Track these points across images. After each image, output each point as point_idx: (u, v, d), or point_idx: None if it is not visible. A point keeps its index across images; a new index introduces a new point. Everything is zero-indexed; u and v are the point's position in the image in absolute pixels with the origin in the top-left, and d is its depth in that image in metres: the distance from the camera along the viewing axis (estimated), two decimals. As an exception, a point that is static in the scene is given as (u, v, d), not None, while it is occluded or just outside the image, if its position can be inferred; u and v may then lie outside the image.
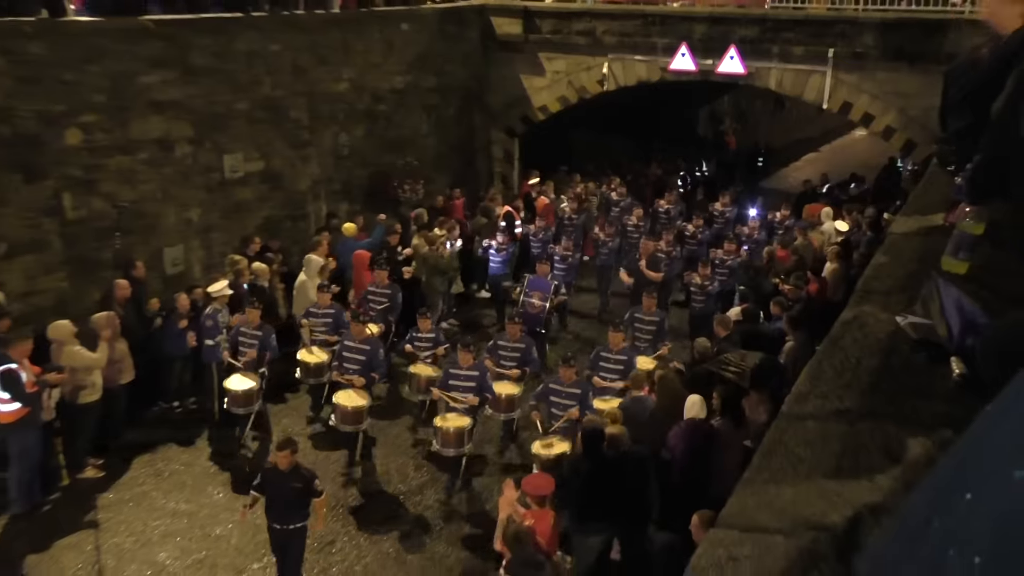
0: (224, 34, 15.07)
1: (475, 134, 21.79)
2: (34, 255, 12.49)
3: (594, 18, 20.40)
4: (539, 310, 14.57)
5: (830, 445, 2.83)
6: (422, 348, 13.05)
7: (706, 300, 15.21)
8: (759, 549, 2.38)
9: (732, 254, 16.57)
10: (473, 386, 11.50)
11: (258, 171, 15.92)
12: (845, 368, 3.29)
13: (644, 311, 13.42)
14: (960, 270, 3.49)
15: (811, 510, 2.49)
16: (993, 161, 3.51)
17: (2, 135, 12.01)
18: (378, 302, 14.31)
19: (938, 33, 16.75)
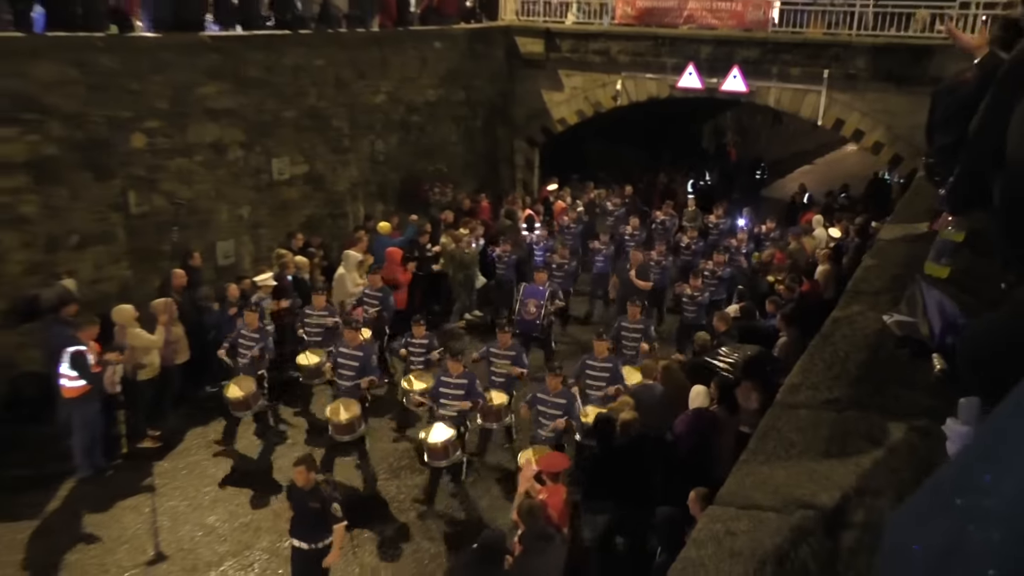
0: (274, 50, 15.11)
1: (499, 143, 21.77)
2: (102, 246, 12.60)
3: (609, 39, 20.35)
4: (534, 317, 13.84)
5: (820, 431, 2.84)
6: (415, 353, 12.12)
7: (697, 310, 14.39)
8: (754, 524, 2.40)
9: (722, 266, 15.78)
10: (462, 394, 10.64)
11: (302, 174, 15.96)
12: (835, 361, 3.30)
13: (630, 320, 12.53)
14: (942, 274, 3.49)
15: (802, 490, 2.51)
16: (972, 174, 3.51)
17: (76, 138, 12.10)
18: (372, 304, 13.59)
19: (924, 58, 16.65)
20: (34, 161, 11.66)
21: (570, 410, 9.99)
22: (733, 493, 2.57)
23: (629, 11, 20.68)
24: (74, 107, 12.02)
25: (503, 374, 11.38)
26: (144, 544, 9.56)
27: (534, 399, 10.31)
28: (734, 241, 17.50)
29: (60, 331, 10.59)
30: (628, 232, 18.40)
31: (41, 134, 11.70)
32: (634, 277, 15.15)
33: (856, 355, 3.42)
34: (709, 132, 30.47)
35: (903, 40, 17.54)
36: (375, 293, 13.67)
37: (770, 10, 19.61)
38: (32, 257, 11.75)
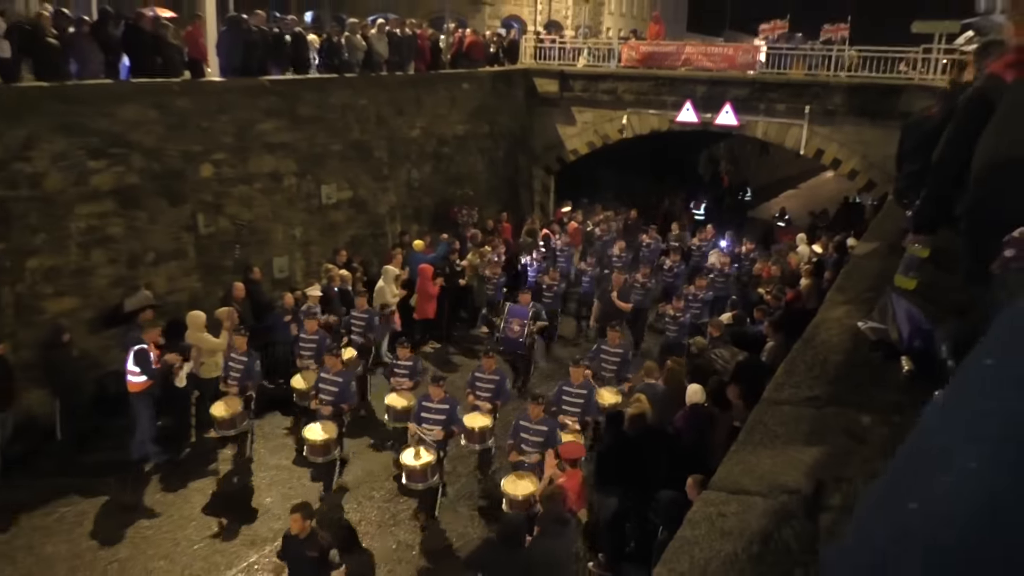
0: (324, 91, 15.25)
1: (519, 171, 21.81)
2: (175, 262, 12.71)
3: (616, 80, 20.41)
4: (518, 335, 13.00)
5: (801, 425, 2.83)
6: (400, 375, 11.08)
7: (678, 330, 13.45)
8: (742, 507, 2.39)
9: (703, 289, 14.63)
10: (443, 419, 9.55)
11: (347, 198, 16.04)
12: (815, 363, 3.29)
13: (610, 343, 11.43)
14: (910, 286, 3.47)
15: (785, 477, 2.50)
16: (936, 198, 3.49)
17: (154, 169, 12.25)
18: (358, 326, 12.67)
19: (893, 95, 16.63)
20: (119, 189, 11.81)
21: (552, 438, 8.92)
22: (724, 479, 2.56)
23: (634, 55, 20.76)
24: (153, 143, 12.18)
25: (487, 398, 10.37)
26: (209, 521, 9.60)
27: (516, 427, 9.20)
28: (718, 263, 16.55)
29: (132, 333, 10.73)
30: (615, 254, 17.50)
31: (125, 166, 11.85)
32: (616, 299, 14.31)
33: (834, 357, 3.40)
34: (705, 161, 30.40)
35: (875, 80, 17.56)
36: (361, 315, 12.71)
37: (758, 54, 19.63)
38: (117, 272, 11.88)
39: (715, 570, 2.08)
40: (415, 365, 11.23)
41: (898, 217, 5.85)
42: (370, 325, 12.68)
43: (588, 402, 9.90)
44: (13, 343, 10.40)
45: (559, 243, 17.87)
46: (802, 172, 35.15)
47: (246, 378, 10.57)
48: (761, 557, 2.09)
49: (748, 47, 21.09)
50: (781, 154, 25.71)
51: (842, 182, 23.19)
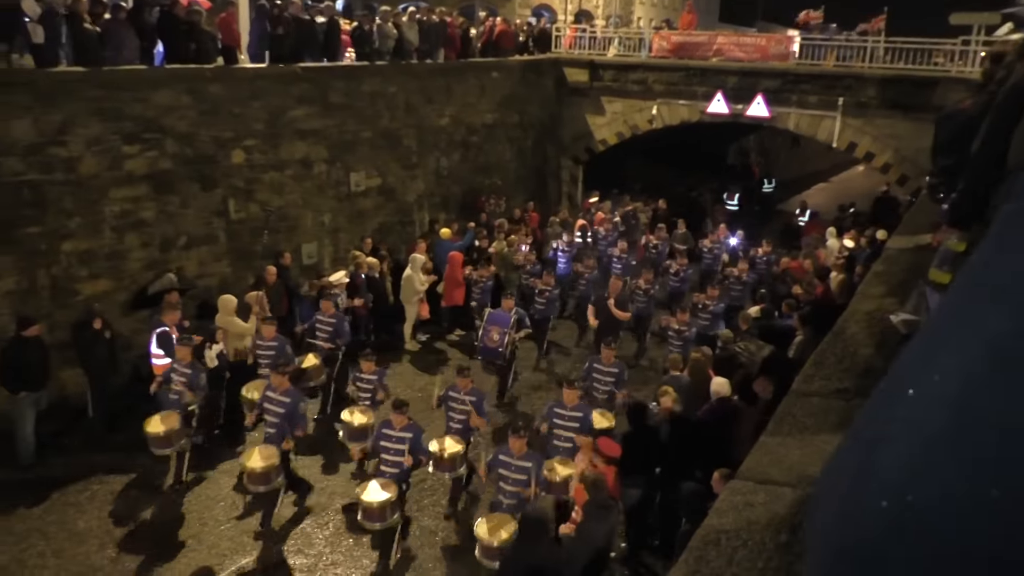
0: (354, 79, 15.30)
1: (548, 161, 21.77)
2: (206, 246, 12.87)
3: (647, 70, 20.26)
4: (497, 344, 11.98)
5: (830, 417, 2.82)
6: (363, 388, 10.15)
7: (683, 346, 11.89)
8: (770, 497, 2.40)
9: (715, 299, 13.19)
10: (404, 448, 8.41)
11: (376, 186, 16.12)
12: (845, 355, 3.27)
13: (603, 361, 10.44)
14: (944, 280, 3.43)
15: (814, 468, 2.49)
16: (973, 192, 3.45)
17: (187, 155, 12.39)
18: (324, 331, 11.75)
19: (927, 88, 16.35)
20: (153, 174, 11.97)
21: (535, 475, 8.02)
22: (752, 469, 2.57)
23: (665, 45, 20.61)
24: (186, 128, 12.32)
25: (462, 420, 9.36)
26: (236, 502, 9.71)
27: (495, 462, 8.10)
28: (734, 271, 15.10)
29: (156, 316, 10.89)
30: (616, 255, 16.17)
31: (159, 151, 12.01)
32: (613, 307, 12.87)
33: (864, 350, 3.38)
34: (734, 152, 30.13)
35: (909, 72, 17.28)
36: (328, 320, 11.77)
37: (791, 45, 19.38)
38: (150, 255, 12.07)
39: (742, 558, 2.09)
40: (380, 379, 10.18)
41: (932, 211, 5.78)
42: (338, 331, 11.71)
43: (583, 428, 8.85)
44: (49, 324, 10.61)
45: (560, 243, 16.70)
46: (833, 165, 34.69)
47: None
48: (789, 546, 2.10)
49: (781, 37, 20.85)
50: (812, 147, 25.41)
51: (872, 176, 22.87)
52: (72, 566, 8.41)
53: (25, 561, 8.43)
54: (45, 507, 9.32)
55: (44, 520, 9.11)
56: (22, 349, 9.73)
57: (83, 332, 10.62)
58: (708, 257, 17.14)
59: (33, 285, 10.77)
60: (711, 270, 16.53)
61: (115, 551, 8.68)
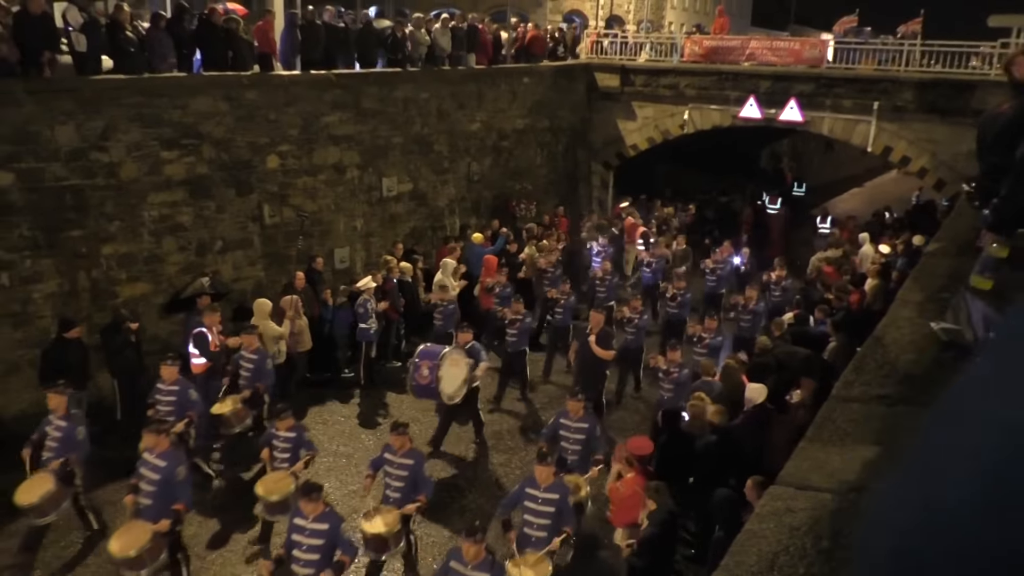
0: (387, 85, 15.43)
1: (578, 166, 21.77)
2: (241, 251, 13.04)
3: (678, 75, 20.20)
4: (428, 381, 10.13)
5: (872, 424, 2.80)
6: (280, 449, 8.56)
7: (675, 390, 10.24)
8: (811, 503, 2.39)
9: (712, 332, 11.53)
10: (321, 544, 6.80)
11: (408, 191, 16.21)
12: (885, 362, 3.24)
13: (571, 416, 8.57)
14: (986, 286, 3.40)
15: (855, 476, 2.48)
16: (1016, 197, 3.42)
17: (223, 160, 12.58)
18: (247, 370, 10.15)
19: (966, 91, 16.14)
20: (190, 179, 12.17)
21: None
22: (792, 475, 2.56)
23: (697, 50, 20.54)
24: (222, 134, 12.51)
25: (400, 487, 7.82)
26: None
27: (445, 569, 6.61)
28: (740, 299, 13.28)
29: (192, 318, 11.04)
30: (598, 276, 14.44)
31: (196, 156, 12.21)
32: (593, 344, 10.90)
33: (905, 356, 3.35)
34: (767, 157, 29.88)
35: (947, 75, 17.05)
36: (250, 356, 10.16)
37: (825, 49, 19.22)
38: (186, 259, 12.26)
39: (783, 564, 2.09)
40: (299, 437, 8.65)
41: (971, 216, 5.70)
42: (260, 370, 10.10)
43: (560, 512, 7.25)
44: (88, 326, 10.81)
45: (543, 263, 15.32)
46: (867, 170, 34.26)
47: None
48: (831, 553, 2.09)
49: (815, 41, 20.69)
50: (846, 151, 25.15)
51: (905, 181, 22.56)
52: (108, 563, 8.55)
53: (64, 557, 8.60)
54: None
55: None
56: (63, 350, 9.92)
57: (112, 335, 10.78)
58: (711, 279, 15.37)
59: (74, 287, 11.00)
60: (714, 294, 15.00)
61: (151, 549, 8.80)
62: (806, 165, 30.72)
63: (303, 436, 8.77)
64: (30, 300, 10.56)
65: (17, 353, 10.44)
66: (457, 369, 10.38)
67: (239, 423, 9.95)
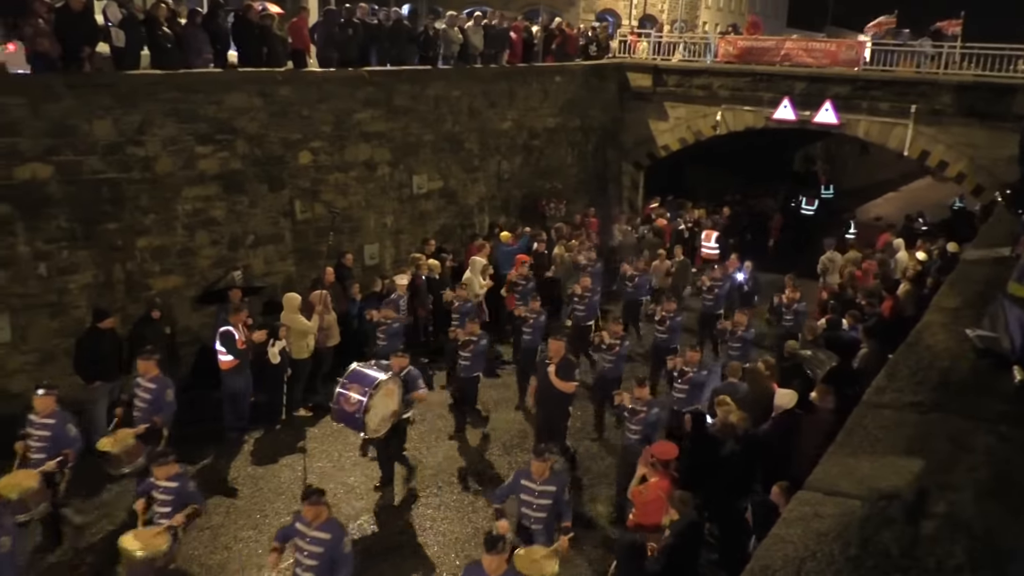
0: (419, 82, 15.47)
1: (609, 166, 21.68)
2: (272, 245, 13.13)
3: (712, 75, 20.06)
4: (354, 409, 8.75)
5: (904, 430, 2.76)
6: (162, 502, 7.37)
7: (642, 431, 8.79)
8: (839, 509, 2.35)
9: (694, 365, 9.87)
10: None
11: (438, 188, 16.24)
12: (919, 368, 3.19)
13: (534, 475, 7.21)
14: None
15: (885, 482, 2.44)
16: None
17: (256, 156, 12.69)
18: (143, 400, 8.82)
19: (1007, 95, 15.85)
20: (223, 174, 12.30)
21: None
22: (821, 480, 2.53)
23: (731, 50, 20.39)
24: (256, 130, 12.62)
25: (312, 567, 6.63)
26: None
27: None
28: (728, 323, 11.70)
29: (221, 313, 11.14)
30: (577, 293, 12.92)
31: (230, 151, 12.33)
32: (553, 375, 9.36)
33: (939, 363, 3.29)
34: (800, 160, 29.55)
35: (987, 79, 16.74)
36: (148, 385, 8.84)
37: (862, 50, 18.98)
38: (219, 253, 12.39)
39: (811, 569, 2.06)
40: (182, 488, 7.44)
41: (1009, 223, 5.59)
42: (158, 400, 8.81)
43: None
44: (122, 317, 10.98)
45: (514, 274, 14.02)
46: (903, 175, 33.72)
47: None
48: (859, 560, 2.06)
49: (852, 43, 20.43)
50: (882, 155, 24.76)
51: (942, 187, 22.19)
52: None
53: (94, 544, 8.73)
54: (116, 493, 9.59)
55: (115, 506, 9.38)
56: (98, 340, 10.09)
57: (143, 326, 10.90)
58: (708, 299, 13.80)
59: (109, 279, 11.17)
60: (711, 315, 13.24)
61: (180, 538, 8.93)
62: (840, 168, 30.33)
63: (187, 486, 7.49)
64: (66, 290, 10.74)
65: (53, 342, 10.62)
66: (390, 400, 9.12)
67: (130, 463, 8.33)
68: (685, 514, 7.05)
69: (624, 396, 9.15)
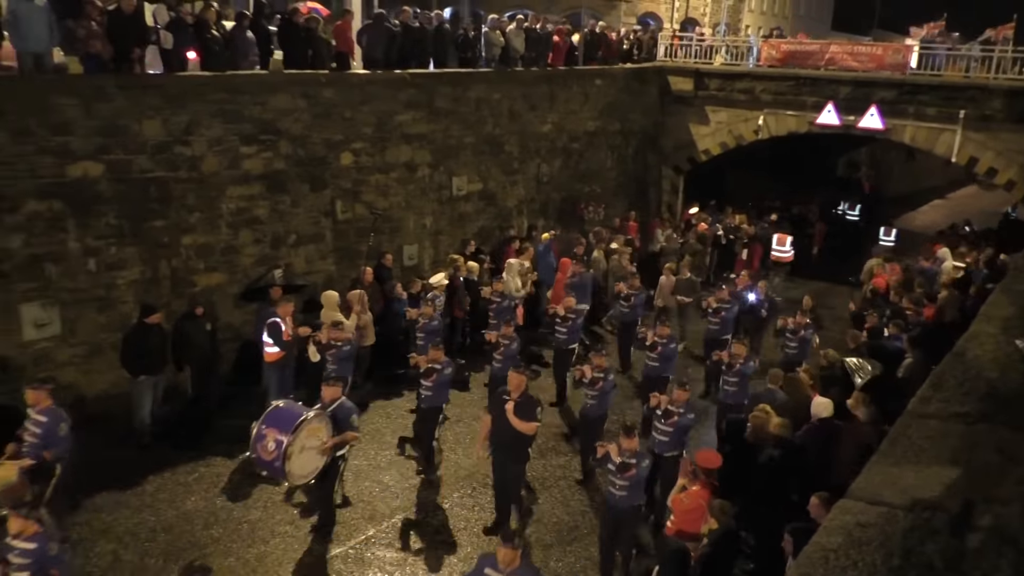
0: (460, 85, 15.57)
1: (648, 170, 21.56)
2: (313, 245, 13.32)
3: (754, 79, 19.85)
4: (272, 457, 7.73)
5: (949, 441, 2.69)
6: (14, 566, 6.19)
7: (629, 490, 7.64)
8: (882, 519, 2.31)
9: (681, 404, 8.58)
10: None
11: (477, 191, 16.32)
12: (966, 378, 3.11)
13: (500, 564, 6.05)
14: (1078, 304, 3.23)
15: (930, 493, 2.39)
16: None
17: (299, 156, 12.87)
18: (32, 433, 7.91)
19: (1062, 101, 15.38)
20: (267, 174, 12.50)
21: None
22: (863, 489, 2.48)
23: (774, 54, 20.15)
24: (299, 131, 12.81)
25: None
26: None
27: None
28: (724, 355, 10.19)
29: (265, 308, 11.32)
30: (560, 315, 11.64)
31: (274, 152, 12.53)
32: (511, 413, 8.10)
33: (987, 373, 3.21)
34: (844, 166, 29.09)
35: (1041, 83, 16.31)
36: (38, 418, 7.97)
37: (909, 54, 18.61)
38: (261, 251, 12.60)
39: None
40: (41, 550, 6.25)
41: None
42: (50, 434, 7.93)
43: None
44: (167, 313, 11.20)
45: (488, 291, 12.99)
46: (950, 181, 33.02)
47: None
48: (902, 571, 2.02)
49: (899, 46, 20.03)
50: (928, 161, 24.32)
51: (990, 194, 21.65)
52: (179, 542, 8.84)
53: (138, 534, 8.92)
54: (157, 484, 9.83)
55: (156, 497, 9.61)
56: (144, 335, 10.32)
57: (186, 321, 11.09)
58: (714, 322, 12.37)
59: (155, 275, 11.42)
60: (716, 341, 11.90)
61: (219, 531, 9.08)
62: (885, 174, 29.80)
63: (46, 549, 6.27)
64: (114, 286, 11.01)
65: (100, 336, 10.89)
66: (317, 439, 8.06)
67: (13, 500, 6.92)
68: (723, 523, 6.96)
69: (612, 448, 7.68)
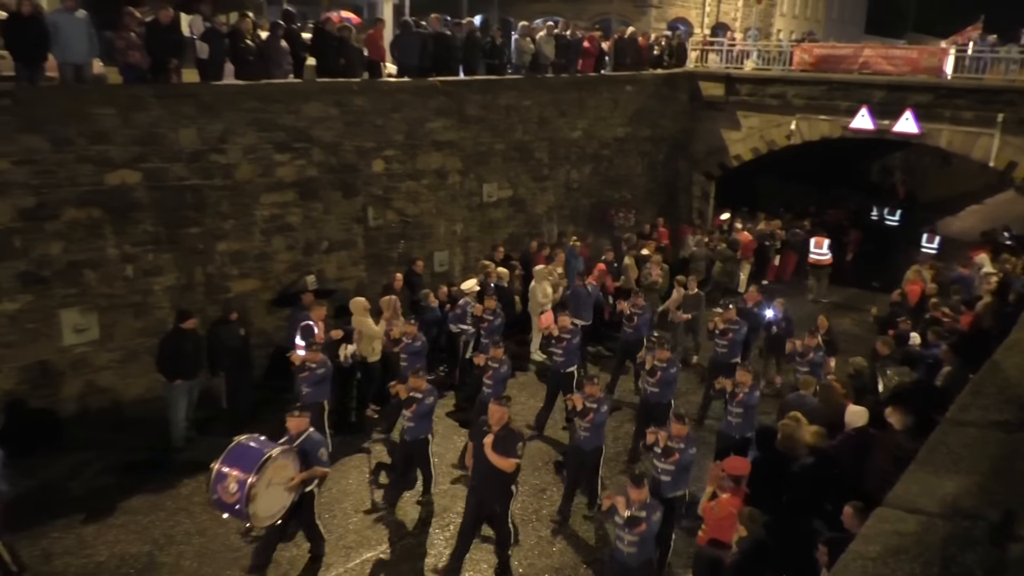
0: (490, 92, 15.64)
1: (679, 176, 21.45)
2: (345, 251, 13.46)
3: (786, 84, 19.66)
4: (234, 499, 7.14)
5: (988, 449, 2.66)
6: None
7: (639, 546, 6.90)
8: (921, 528, 2.29)
9: (681, 439, 7.90)
10: None
11: (507, 197, 16.37)
12: (1006, 386, 3.07)
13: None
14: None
15: (969, 502, 2.36)
16: None
17: (331, 163, 13.03)
18: None
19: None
20: (300, 181, 12.67)
21: None
22: (900, 498, 2.45)
23: (807, 58, 19.96)
24: (331, 138, 12.96)
25: None
26: (363, 497, 10.03)
27: None
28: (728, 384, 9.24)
29: (298, 313, 11.46)
30: (555, 334, 10.87)
31: (306, 159, 12.70)
32: (489, 447, 7.53)
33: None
34: (877, 171, 28.69)
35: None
36: None
37: (945, 57, 18.33)
38: (294, 257, 12.77)
39: (890, 587, 2.01)
40: None
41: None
42: None
43: None
44: (201, 318, 11.37)
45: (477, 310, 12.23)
46: (987, 186, 32.39)
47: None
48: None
49: (934, 50, 19.73)
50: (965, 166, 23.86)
51: None
52: (213, 545, 8.96)
53: (173, 537, 9.06)
54: (192, 488, 9.95)
55: (191, 500, 9.74)
56: (179, 340, 10.49)
57: (220, 327, 11.24)
58: (721, 344, 11.45)
59: (190, 281, 11.61)
60: (724, 364, 10.93)
61: (253, 535, 9.18)
62: (920, 179, 29.34)
63: None
64: (150, 291, 11.21)
65: (136, 341, 11.09)
66: (285, 474, 7.52)
67: None
68: (753, 531, 6.89)
69: (618, 501, 6.88)
